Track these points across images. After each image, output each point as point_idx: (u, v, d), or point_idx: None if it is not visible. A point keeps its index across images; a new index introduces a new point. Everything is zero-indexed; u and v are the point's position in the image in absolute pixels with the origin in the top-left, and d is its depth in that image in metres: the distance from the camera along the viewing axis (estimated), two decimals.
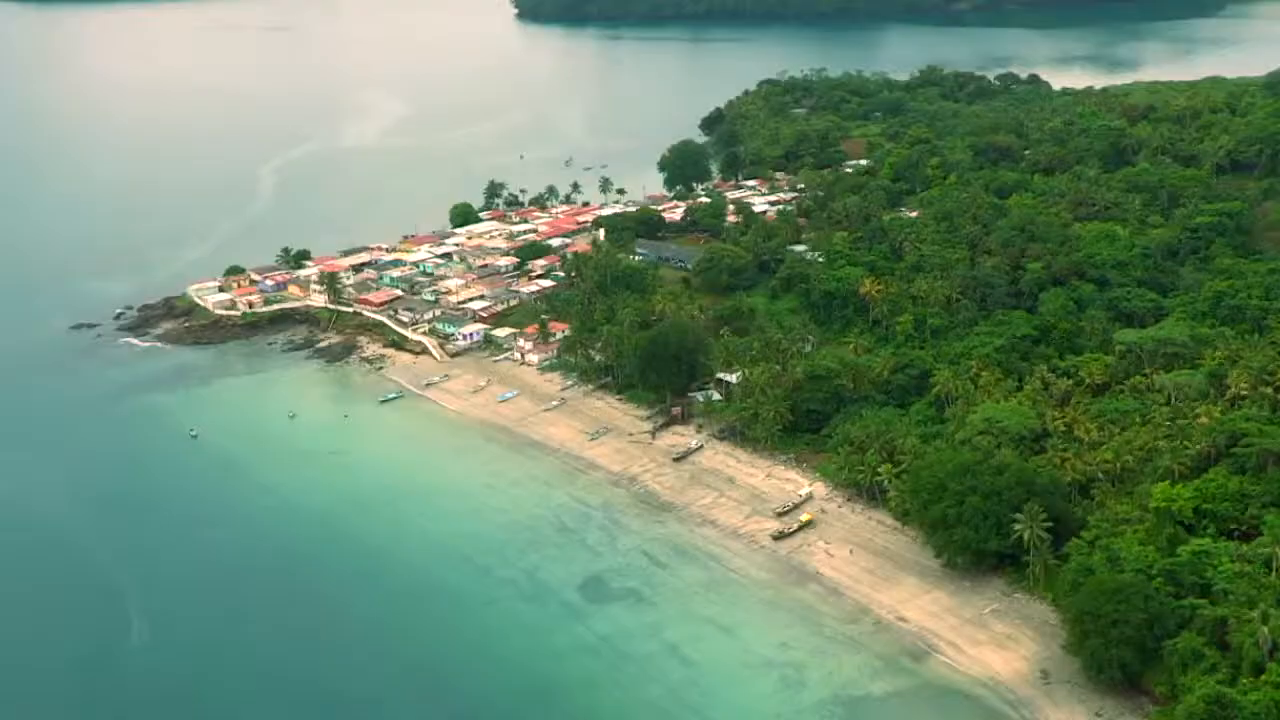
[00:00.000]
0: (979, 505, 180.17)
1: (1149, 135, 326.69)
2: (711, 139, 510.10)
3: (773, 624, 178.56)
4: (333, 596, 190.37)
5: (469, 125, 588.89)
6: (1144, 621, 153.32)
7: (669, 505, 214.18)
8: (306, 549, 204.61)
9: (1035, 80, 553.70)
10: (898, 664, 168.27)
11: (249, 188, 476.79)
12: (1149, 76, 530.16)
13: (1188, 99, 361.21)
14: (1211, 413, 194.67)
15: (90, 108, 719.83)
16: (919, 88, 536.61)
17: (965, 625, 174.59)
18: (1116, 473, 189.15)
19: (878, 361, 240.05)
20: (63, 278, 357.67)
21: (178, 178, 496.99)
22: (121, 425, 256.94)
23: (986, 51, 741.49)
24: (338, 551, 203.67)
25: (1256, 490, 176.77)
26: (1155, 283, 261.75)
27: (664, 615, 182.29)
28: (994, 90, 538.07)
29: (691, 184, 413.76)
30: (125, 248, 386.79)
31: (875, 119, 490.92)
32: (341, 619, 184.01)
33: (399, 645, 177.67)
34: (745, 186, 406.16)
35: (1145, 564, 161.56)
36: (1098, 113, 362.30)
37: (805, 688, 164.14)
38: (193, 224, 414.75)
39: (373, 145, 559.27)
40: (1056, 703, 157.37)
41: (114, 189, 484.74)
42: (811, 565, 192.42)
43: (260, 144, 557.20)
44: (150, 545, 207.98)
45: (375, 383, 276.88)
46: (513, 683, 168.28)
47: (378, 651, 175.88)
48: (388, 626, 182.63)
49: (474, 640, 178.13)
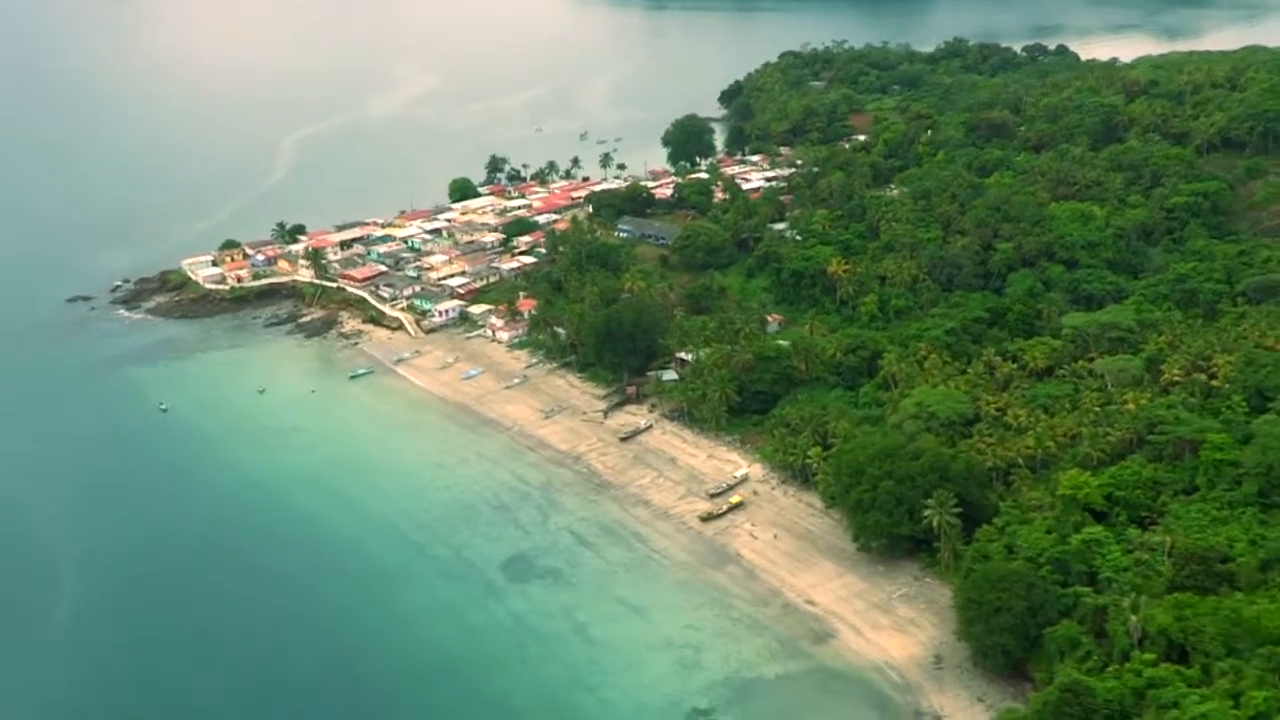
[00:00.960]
0: (892, 490, 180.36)
1: (1141, 112, 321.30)
2: (728, 112, 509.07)
3: (683, 605, 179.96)
4: (263, 570, 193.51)
5: (495, 98, 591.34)
6: (1026, 609, 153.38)
7: (607, 485, 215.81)
8: (248, 523, 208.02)
9: (1063, 51, 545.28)
10: (796, 647, 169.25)
11: (267, 160, 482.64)
12: (1205, 45, 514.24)
13: (1188, 74, 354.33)
14: (1138, 399, 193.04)
15: (124, 78, 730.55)
16: (942, 60, 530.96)
17: (871, 609, 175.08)
18: (1038, 459, 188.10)
19: (830, 343, 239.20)
20: (69, 250, 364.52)
21: (200, 150, 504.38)
22: (94, 398, 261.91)
23: (1038, 20, 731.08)
24: (277, 526, 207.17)
25: (1169, 478, 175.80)
26: (1126, 264, 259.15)
27: (579, 595, 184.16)
28: (1019, 62, 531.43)
29: (695, 159, 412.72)
30: (134, 220, 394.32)
31: (893, 92, 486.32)
32: (266, 592, 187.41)
33: (317, 618, 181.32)
34: (748, 162, 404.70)
35: (1036, 552, 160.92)
36: (1096, 88, 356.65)
37: (701, 669, 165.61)
38: (206, 196, 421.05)
39: (396, 118, 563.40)
40: (943, 688, 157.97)
41: (134, 161, 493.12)
42: (733, 547, 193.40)
43: (288, 116, 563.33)
44: (96, 515, 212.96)
45: (349, 358, 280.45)
46: (420, 659, 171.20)
47: (297, 624, 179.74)
48: (310, 600, 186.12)
49: (391, 616, 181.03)
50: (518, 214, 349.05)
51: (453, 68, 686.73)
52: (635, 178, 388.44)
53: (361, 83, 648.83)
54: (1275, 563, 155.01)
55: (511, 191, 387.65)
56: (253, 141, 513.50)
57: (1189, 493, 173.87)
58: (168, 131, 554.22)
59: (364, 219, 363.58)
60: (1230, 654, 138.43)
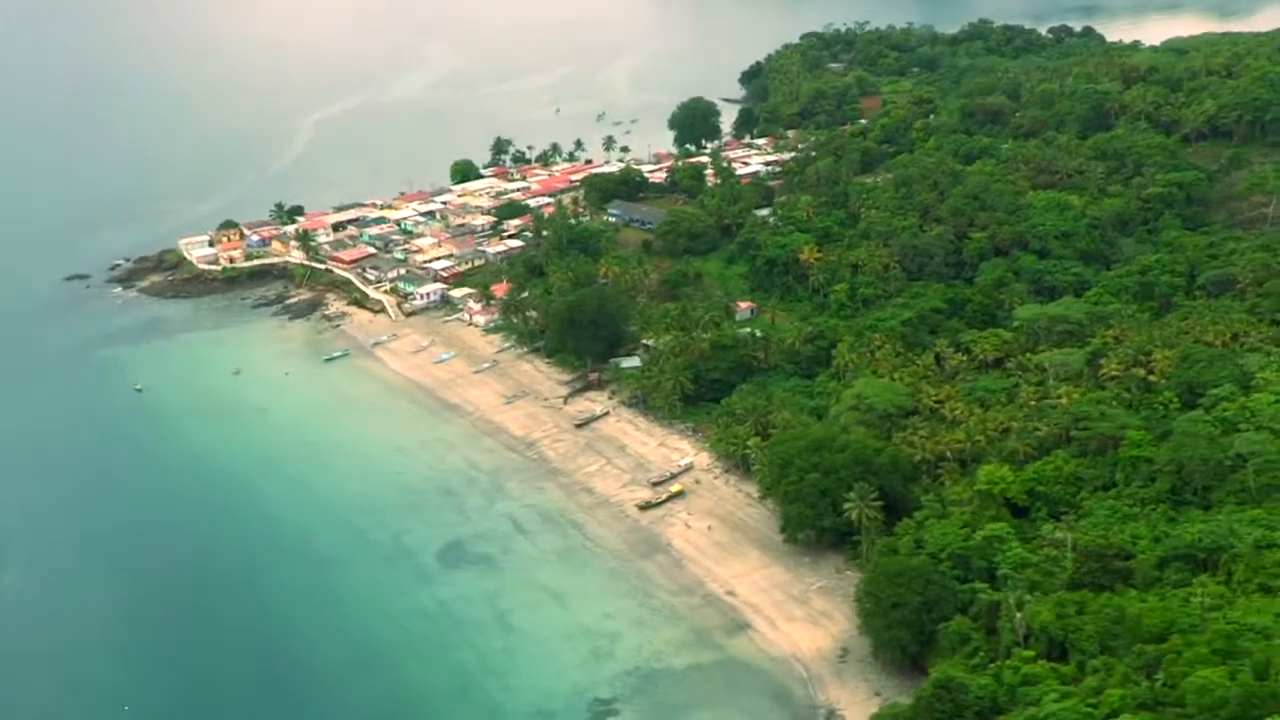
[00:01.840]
0: (816, 482, 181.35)
1: (1133, 100, 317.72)
2: (747, 94, 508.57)
3: (606, 594, 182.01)
4: (203, 552, 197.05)
5: (519, 79, 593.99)
6: (921, 605, 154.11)
7: (555, 471, 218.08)
8: (198, 504, 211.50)
9: (1088, 33, 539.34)
10: (709, 638, 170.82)
11: (284, 140, 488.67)
12: (1255, 25, 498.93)
13: (1187, 61, 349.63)
14: (1071, 394, 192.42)
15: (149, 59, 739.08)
16: (964, 42, 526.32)
17: (789, 601, 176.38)
18: (966, 453, 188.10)
19: (790, 332, 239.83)
20: (74, 229, 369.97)
21: (219, 129, 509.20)
22: (72, 377, 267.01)
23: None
24: (227, 508, 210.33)
25: (1090, 474, 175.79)
26: (1099, 255, 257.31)
27: (507, 582, 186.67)
28: (1042, 44, 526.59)
29: (701, 142, 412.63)
30: (144, 199, 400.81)
31: (911, 75, 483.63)
32: (201, 574, 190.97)
33: (249, 602, 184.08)
34: (754, 145, 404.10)
35: (939, 547, 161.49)
36: (1092, 75, 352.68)
37: (612, 659, 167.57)
38: (217, 176, 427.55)
39: (416, 98, 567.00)
40: (843, 681, 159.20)
41: (152, 140, 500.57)
42: (666, 537, 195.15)
43: (309, 96, 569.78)
44: (46, 491, 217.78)
45: (328, 340, 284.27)
46: (340, 644, 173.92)
47: (226, 607, 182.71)
48: (244, 583, 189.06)
49: (321, 601, 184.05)
50: (512, 197, 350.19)
51: (482, 47, 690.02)
52: (639, 161, 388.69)
53: (386, 62, 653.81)
54: (1173, 560, 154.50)
55: (514, 174, 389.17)
56: (272, 121, 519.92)
57: (1108, 488, 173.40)
58: (189, 110, 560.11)
59: (363, 200, 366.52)
60: (1106, 651, 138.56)
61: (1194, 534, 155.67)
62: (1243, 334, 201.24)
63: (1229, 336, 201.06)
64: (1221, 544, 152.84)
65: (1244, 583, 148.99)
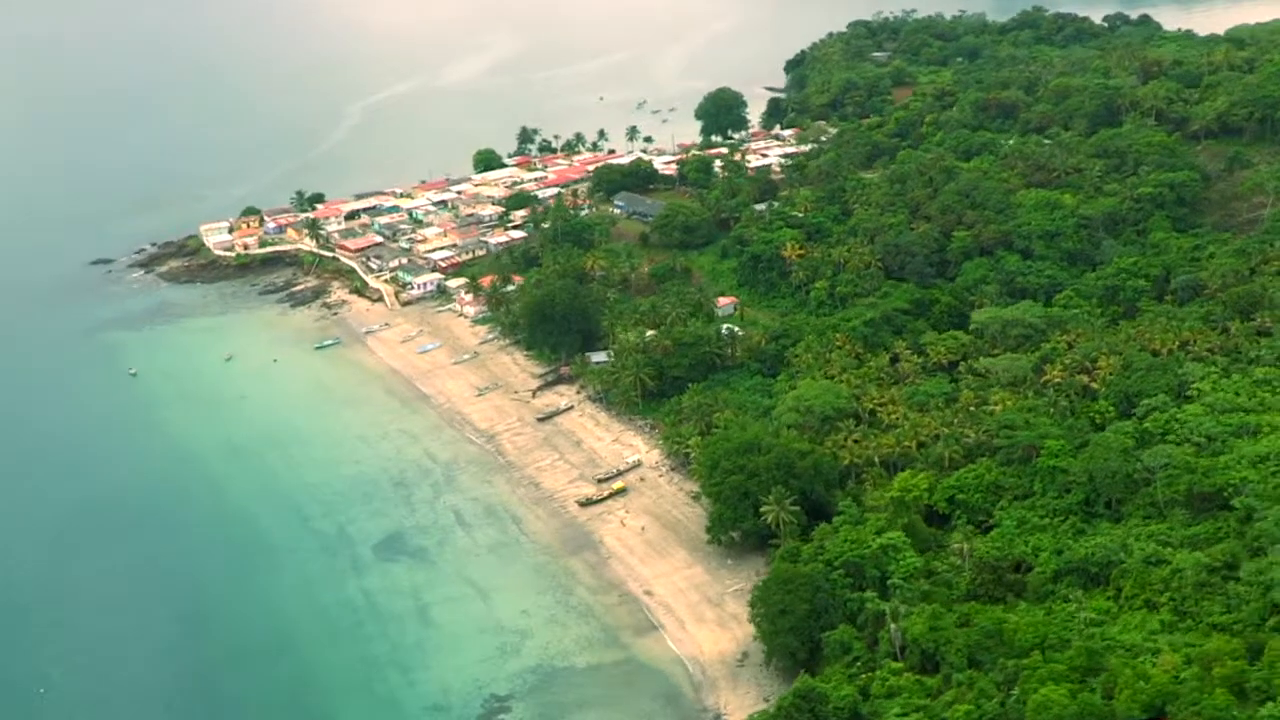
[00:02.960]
0: (739, 484, 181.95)
1: (1145, 96, 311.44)
2: (788, 82, 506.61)
3: (528, 590, 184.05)
4: (150, 537, 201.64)
5: (572, 64, 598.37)
6: (808, 612, 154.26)
7: (509, 465, 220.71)
8: (154, 485, 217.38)
9: (1145, 20, 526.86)
10: (617, 638, 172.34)
11: (329, 125, 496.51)
12: None
13: (1211, 54, 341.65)
14: (1005, 401, 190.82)
15: (232, 40, 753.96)
16: (1013, 30, 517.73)
17: (703, 603, 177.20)
18: (894, 459, 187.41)
19: (759, 329, 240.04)
20: (112, 212, 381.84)
21: (273, 112, 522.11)
22: (73, 359, 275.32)
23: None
24: (185, 493, 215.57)
25: (1011, 483, 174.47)
26: (1084, 255, 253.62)
27: (435, 575, 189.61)
28: (1095, 32, 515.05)
29: (727, 132, 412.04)
30: (183, 182, 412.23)
31: (953, 65, 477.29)
32: (142, 559, 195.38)
33: (179, 581, 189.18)
34: (780, 137, 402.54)
35: (836, 554, 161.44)
36: (1108, 69, 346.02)
37: (518, 656, 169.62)
38: (258, 160, 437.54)
39: (466, 84, 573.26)
40: (736, 686, 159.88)
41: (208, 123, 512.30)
42: (599, 534, 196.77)
43: (368, 78, 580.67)
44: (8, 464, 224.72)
45: (323, 329, 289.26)
46: (260, 630, 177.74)
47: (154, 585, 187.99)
48: (184, 568, 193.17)
49: (251, 585, 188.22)
50: (524, 187, 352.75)
51: (543, 31, 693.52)
52: (661, 151, 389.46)
53: (444, 47, 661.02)
54: (1066, 574, 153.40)
55: (537, 164, 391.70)
56: (326, 104, 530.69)
57: (1027, 498, 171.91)
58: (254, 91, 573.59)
59: (383, 189, 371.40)
60: (974, 665, 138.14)
61: (1088, 548, 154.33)
62: (1191, 342, 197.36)
63: (1176, 344, 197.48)
64: (1112, 559, 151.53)
65: (1131, 598, 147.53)
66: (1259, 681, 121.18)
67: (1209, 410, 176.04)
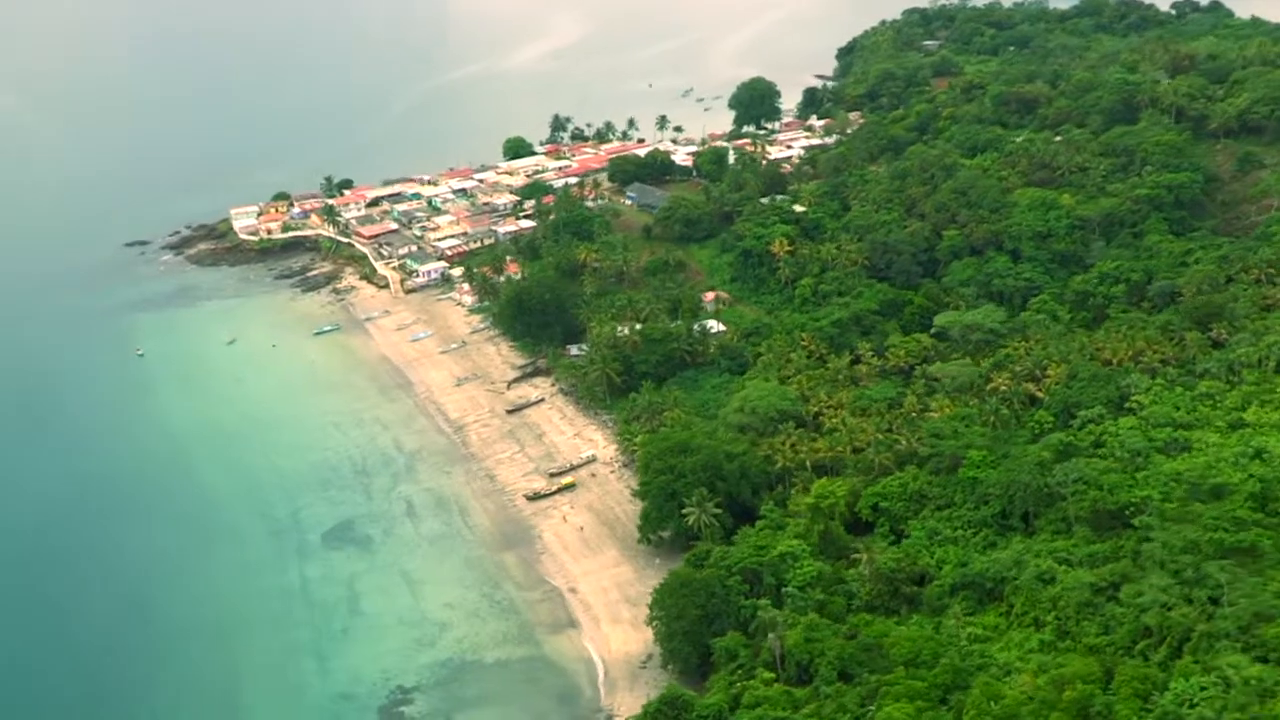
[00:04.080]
0: (666, 485, 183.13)
1: (1164, 92, 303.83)
2: (837, 70, 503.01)
3: (457, 583, 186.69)
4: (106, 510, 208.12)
5: (630, 50, 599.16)
6: (700, 617, 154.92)
7: (470, 457, 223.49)
8: (129, 469, 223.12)
9: (1216, 7, 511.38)
10: (531, 635, 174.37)
11: (382, 109, 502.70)
12: None
13: (1244, 48, 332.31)
14: (945, 407, 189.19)
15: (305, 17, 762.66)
16: (1073, 18, 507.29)
17: (623, 602, 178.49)
18: (828, 463, 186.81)
19: (732, 326, 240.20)
20: (155, 194, 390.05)
21: (331, 93, 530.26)
22: (88, 339, 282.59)
23: None
24: (152, 471, 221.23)
25: (934, 492, 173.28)
26: (1075, 257, 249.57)
27: (373, 565, 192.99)
28: (1161, 20, 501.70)
29: (760, 123, 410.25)
30: (229, 164, 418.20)
31: (1005, 54, 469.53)
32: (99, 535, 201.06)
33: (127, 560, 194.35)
34: (811, 128, 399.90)
35: (736, 560, 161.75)
36: (1133, 64, 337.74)
37: (432, 648, 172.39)
38: (305, 144, 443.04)
39: (526, 69, 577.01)
40: (634, 687, 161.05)
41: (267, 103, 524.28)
42: (538, 529, 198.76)
43: (431, 61, 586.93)
44: None
45: (327, 314, 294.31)
46: (195, 612, 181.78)
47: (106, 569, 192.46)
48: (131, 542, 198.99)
49: (197, 568, 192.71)
50: (543, 176, 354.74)
51: (607, 16, 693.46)
52: (690, 140, 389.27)
53: (511, 30, 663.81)
54: (963, 588, 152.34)
55: (566, 152, 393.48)
56: (383, 87, 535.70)
57: (948, 507, 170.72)
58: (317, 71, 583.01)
59: (413, 175, 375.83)
60: (846, 678, 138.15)
61: (984, 563, 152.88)
62: (1143, 351, 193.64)
63: (1129, 355, 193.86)
64: (1005, 575, 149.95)
65: (1020, 615, 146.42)
66: (1101, 707, 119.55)
67: (1142, 424, 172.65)
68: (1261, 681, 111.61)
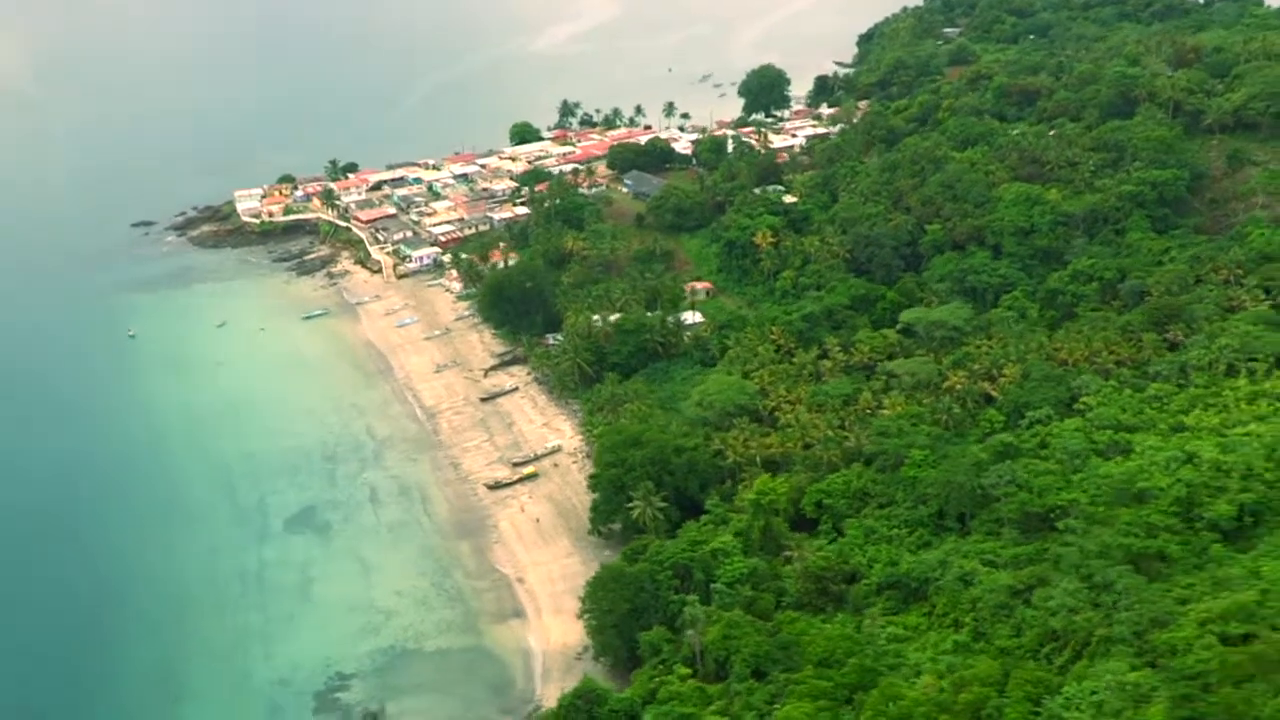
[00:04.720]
0: (614, 478, 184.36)
1: (1161, 86, 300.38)
2: (855, 58, 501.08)
3: (409, 571, 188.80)
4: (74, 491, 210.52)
5: (657, 34, 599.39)
6: (629, 611, 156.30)
7: (438, 445, 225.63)
8: (103, 450, 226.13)
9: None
10: (474, 624, 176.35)
11: (404, 92, 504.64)
12: None
13: (1250, 41, 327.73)
14: (896, 405, 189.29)
15: None
16: (1098, 6, 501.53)
17: (568, 594, 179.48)
18: (777, 458, 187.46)
19: (709, 318, 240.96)
20: (167, 174, 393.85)
21: (339, 81, 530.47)
22: (84, 318, 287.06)
23: None
24: (125, 452, 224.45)
25: (877, 490, 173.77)
26: (1056, 254, 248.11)
27: (329, 551, 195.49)
28: (1187, 8, 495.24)
29: (769, 110, 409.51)
30: (243, 146, 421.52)
31: (1025, 42, 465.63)
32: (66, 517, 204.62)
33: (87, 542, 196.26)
34: (819, 116, 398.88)
35: (668, 555, 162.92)
36: (1134, 56, 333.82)
37: (376, 636, 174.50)
38: (324, 126, 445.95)
39: (552, 52, 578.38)
40: (567, 679, 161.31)
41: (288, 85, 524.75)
42: (495, 519, 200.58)
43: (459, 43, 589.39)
44: None
45: (318, 298, 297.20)
46: (149, 594, 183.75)
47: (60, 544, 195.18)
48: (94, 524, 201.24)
49: (157, 551, 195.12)
50: (544, 163, 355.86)
51: None
52: (699, 128, 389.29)
53: (541, 13, 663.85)
54: (889, 587, 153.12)
55: (572, 138, 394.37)
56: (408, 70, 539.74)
57: (889, 506, 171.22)
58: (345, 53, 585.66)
59: (420, 159, 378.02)
60: (760, 676, 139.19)
61: (911, 563, 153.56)
62: (1099, 352, 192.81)
63: (1084, 355, 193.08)
64: (930, 575, 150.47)
65: (941, 616, 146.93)
66: (993, 710, 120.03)
67: (1086, 426, 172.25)
68: (1138, 687, 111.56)
